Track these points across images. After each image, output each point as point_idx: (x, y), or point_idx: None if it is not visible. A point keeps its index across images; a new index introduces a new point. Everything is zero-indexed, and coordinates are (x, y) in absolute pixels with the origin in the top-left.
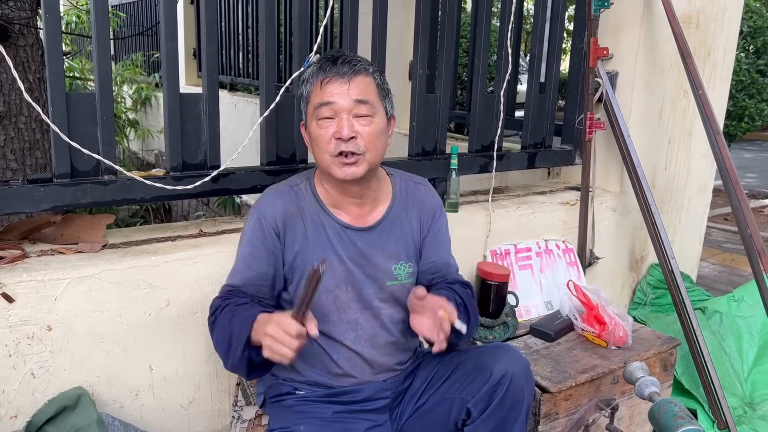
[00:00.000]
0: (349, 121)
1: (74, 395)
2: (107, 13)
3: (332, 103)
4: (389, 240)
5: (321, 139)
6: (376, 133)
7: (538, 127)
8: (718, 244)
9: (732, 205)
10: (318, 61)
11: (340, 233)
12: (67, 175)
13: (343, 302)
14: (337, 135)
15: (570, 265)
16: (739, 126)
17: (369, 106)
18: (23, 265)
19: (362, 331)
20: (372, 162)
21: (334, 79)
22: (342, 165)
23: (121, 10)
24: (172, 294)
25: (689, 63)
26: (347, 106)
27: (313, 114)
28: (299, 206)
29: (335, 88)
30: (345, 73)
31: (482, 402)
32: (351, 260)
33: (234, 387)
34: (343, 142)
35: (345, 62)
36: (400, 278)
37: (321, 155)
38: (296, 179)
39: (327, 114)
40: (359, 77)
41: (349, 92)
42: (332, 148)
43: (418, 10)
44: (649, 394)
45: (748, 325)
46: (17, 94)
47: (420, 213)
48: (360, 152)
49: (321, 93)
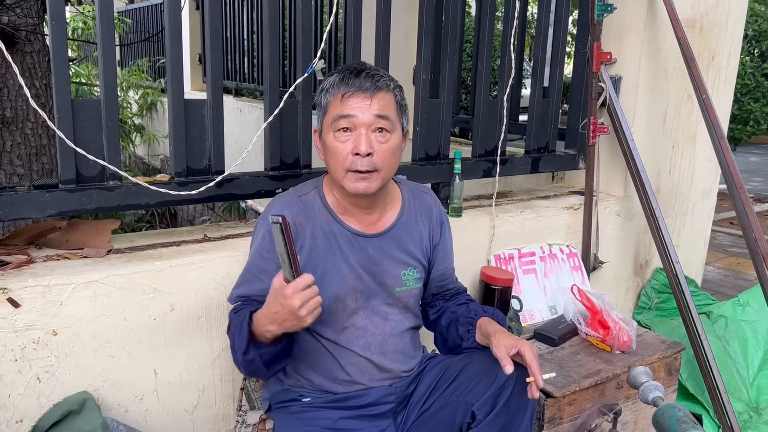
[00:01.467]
0: (367, 137)
1: (79, 400)
2: (112, 21)
3: (352, 116)
4: (399, 246)
5: (337, 152)
6: (391, 150)
7: (541, 131)
8: (723, 248)
9: (737, 209)
10: (340, 71)
11: (351, 241)
12: (72, 180)
13: (351, 309)
14: (354, 151)
15: (574, 270)
16: (744, 129)
17: (388, 123)
18: (29, 270)
19: (371, 337)
20: (385, 179)
21: (356, 93)
22: (356, 180)
23: (127, 16)
24: (177, 299)
25: (693, 67)
26: (367, 122)
27: (330, 125)
28: (308, 216)
29: (356, 102)
30: (368, 89)
31: (487, 405)
32: (362, 267)
33: (238, 392)
34: (360, 159)
35: (368, 76)
36: (408, 284)
37: (335, 168)
38: (303, 188)
39: (346, 125)
40: (381, 93)
41: (370, 108)
42: (348, 164)
43: (421, 15)
44: (653, 398)
45: (754, 329)
46: (24, 100)
47: (429, 221)
48: (375, 169)
49: (341, 106)
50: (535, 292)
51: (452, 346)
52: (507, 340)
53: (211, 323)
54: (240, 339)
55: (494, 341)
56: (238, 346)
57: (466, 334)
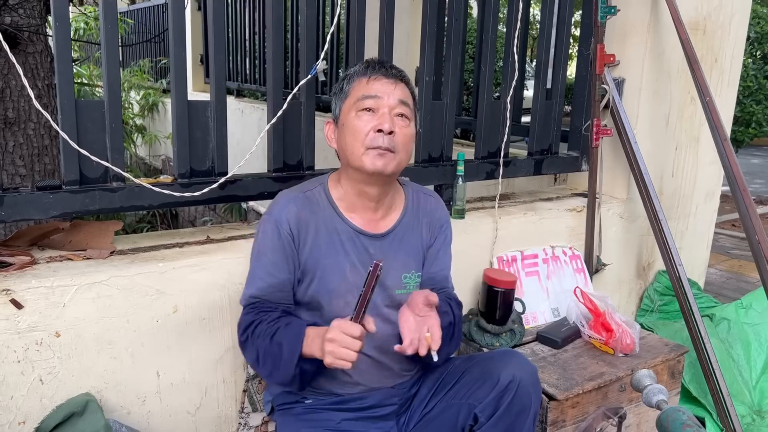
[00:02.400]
0: (391, 117)
1: (82, 401)
2: (116, 23)
3: (378, 97)
4: (400, 249)
5: (358, 130)
6: (409, 136)
7: (544, 133)
8: (725, 251)
9: (740, 211)
10: (363, 62)
11: (353, 238)
12: (76, 182)
13: (352, 308)
14: (378, 127)
15: (577, 272)
16: (746, 132)
17: (409, 110)
18: (32, 271)
19: (372, 337)
20: (400, 163)
21: (381, 77)
22: (375, 156)
23: (128, 17)
24: (180, 300)
25: (696, 70)
26: (391, 104)
27: (353, 106)
28: (312, 211)
29: (382, 85)
30: (393, 75)
31: (489, 408)
32: (363, 266)
33: (241, 393)
34: (382, 136)
35: (392, 67)
36: (408, 287)
37: (354, 146)
38: (308, 185)
39: (370, 105)
40: (403, 84)
41: (394, 92)
42: (369, 140)
43: (424, 17)
44: (657, 402)
45: (757, 332)
46: (26, 101)
47: (429, 224)
48: (394, 150)
49: (367, 87)
50: (537, 295)
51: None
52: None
53: (214, 325)
54: (290, 351)
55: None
56: (287, 361)
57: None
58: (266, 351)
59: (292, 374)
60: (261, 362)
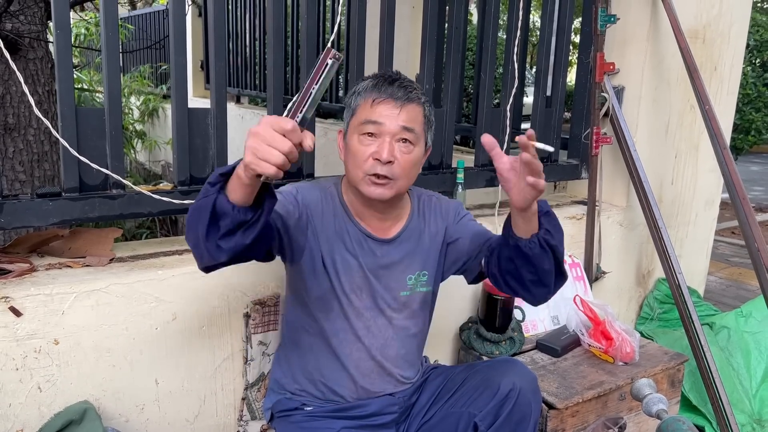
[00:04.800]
0: (390, 145)
1: (80, 409)
2: (117, 31)
3: (380, 123)
4: (406, 251)
5: (359, 155)
6: (412, 162)
7: (544, 141)
8: (725, 258)
9: (739, 219)
10: (374, 77)
11: (361, 241)
12: (75, 189)
13: (356, 308)
14: (376, 156)
15: (577, 280)
16: (746, 139)
17: (413, 135)
18: (31, 278)
19: (374, 339)
20: (401, 188)
21: (387, 101)
22: (372, 184)
23: (129, 23)
24: (179, 308)
25: (696, 78)
26: (393, 130)
27: (356, 128)
28: (328, 206)
29: (386, 110)
30: (399, 98)
31: (489, 416)
32: (369, 269)
33: (239, 401)
34: (380, 165)
35: (401, 86)
36: (414, 288)
37: (354, 170)
38: (325, 182)
39: (372, 131)
40: (411, 105)
41: (398, 117)
42: (367, 167)
43: (424, 25)
44: (657, 411)
45: (757, 340)
46: (26, 107)
47: (438, 219)
48: (393, 178)
49: (370, 111)
50: None
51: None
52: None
53: (213, 332)
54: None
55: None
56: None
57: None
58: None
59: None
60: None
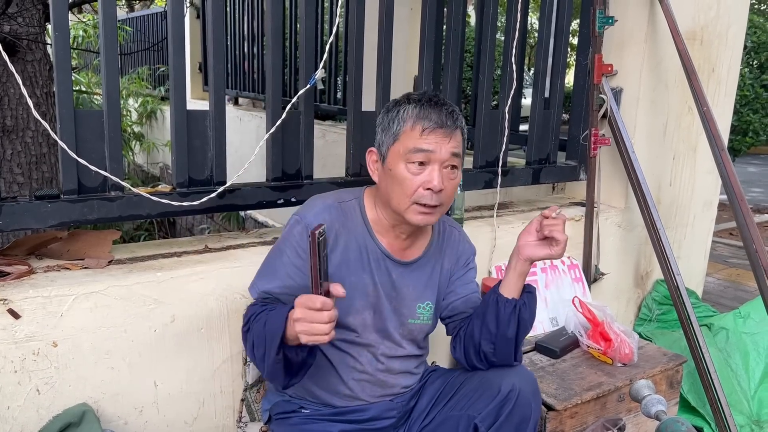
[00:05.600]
0: (440, 174)
1: (79, 412)
2: (116, 33)
3: (432, 152)
4: (420, 279)
5: (407, 184)
6: (455, 186)
7: (542, 143)
8: (723, 259)
9: (737, 221)
10: (416, 101)
11: (379, 260)
12: (74, 191)
13: (366, 325)
14: (427, 185)
15: (575, 281)
16: (743, 140)
17: (459, 160)
18: (30, 281)
19: (380, 357)
20: (443, 212)
21: (436, 130)
22: (418, 213)
23: (127, 24)
24: (178, 310)
25: (693, 80)
26: (444, 159)
27: (403, 156)
28: (344, 224)
29: (436, 138)
30: (449, 126)
31: (489, 418)
32: (383, 289)
33: (239, 403)
34: (431, 194)
35: (449, 114)
36: (422, 318)
37: (401, 197)
38: (344, 195)
39: (422, 159)
40: (457, 132)
41: (448, 145)
42: (417, 196)
43: (423, 27)
44: (656, 412)
45: (755, 341)
46: (24, 109)
47: (452, 257)
48: (440, 204)
49: (420, 140)
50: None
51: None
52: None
53: (212, 334)
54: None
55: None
56: (269, 344)
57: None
58: (258, 335)
59: (275, 358)
60: (255, 348)
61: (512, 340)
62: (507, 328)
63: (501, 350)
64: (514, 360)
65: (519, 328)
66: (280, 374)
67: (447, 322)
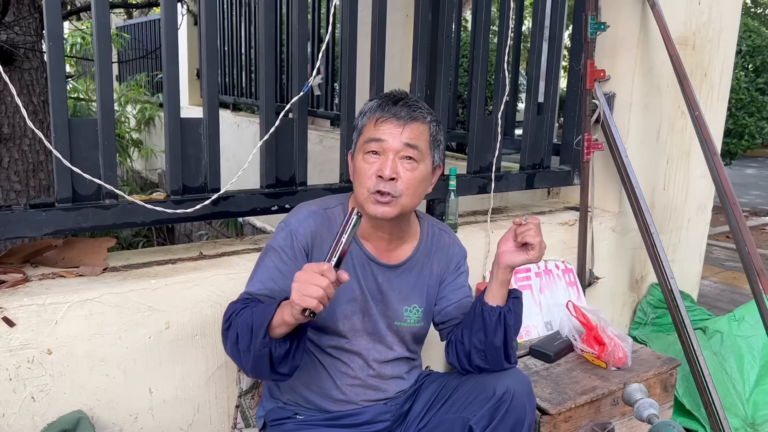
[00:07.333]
0: (393, 162)
1: (74, 419)
2: (110, 42)
3: (382, 140)
4: (407, 282)
5: (363, 173)
6: (416, 179)
7: (536, 148)
8: (719, 262)
9: (731, 225)
10: (380, 98)
11: (364, 264)
12: (68, 199)
13: (356, 330)
14: (378, 173)
15: (570, 285)
16: (739, 144)
17: (417, 152)
18: (24, 289)
19: (371, 361)
20: (405, 206)
21: (389, 119)
22: (375, 202)
23: (125, 31)
24: (172, 317)
25: (685, 85)
26: (395, 147)
27: (361, 147)
28: (330, 229)
29: (389, 128)
30: (402, 117)
31: (484, 420)
32: (369, 292)
33: (233, 409)
34: (383, 182)
35: (405, 105)
36: (409, 320)
37: (359, 188)
38: (330, 201)
39: (375, 148)
40: (415, 124)
41: (401, 135)
42: (371, 185)
43: (416, 33)
44: (648, 416)
45: (749, 345)
46: (21, 117)
47: (442, 260)
48: (396, 195)
49: (374, 129)
50: (530, 308)
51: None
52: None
53: (206, 341)
54: (258, 324)
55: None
56: (256, 331)
57: (473, 312)
58: (243, 326)
59: (261, 342)
60: (240, 340)
61: (500, 348)
62: (494, 336)
63: (491, 358)
64: (508, 363)
65: (506, 335)
66: (266, 362)
67: (440, 328)
